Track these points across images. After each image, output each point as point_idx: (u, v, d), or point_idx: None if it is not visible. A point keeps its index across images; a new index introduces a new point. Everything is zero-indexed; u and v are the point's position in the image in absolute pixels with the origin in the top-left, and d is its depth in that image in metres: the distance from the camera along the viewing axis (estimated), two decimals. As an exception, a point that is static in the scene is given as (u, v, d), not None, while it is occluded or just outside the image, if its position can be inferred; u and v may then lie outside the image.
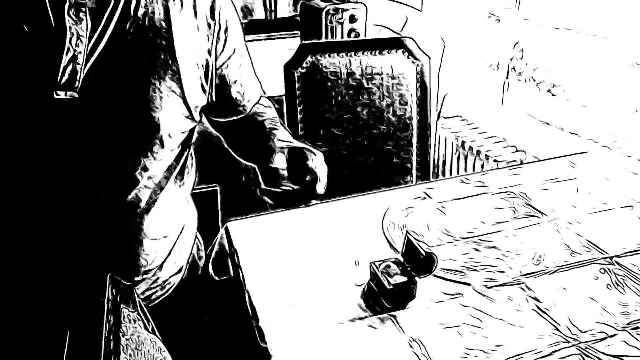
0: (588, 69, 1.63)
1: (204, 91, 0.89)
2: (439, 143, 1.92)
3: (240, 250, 0.96)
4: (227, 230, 1.03)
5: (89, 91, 0.77)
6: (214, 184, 1.66)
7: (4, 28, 0.74)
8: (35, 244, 0.82)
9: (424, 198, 1.14)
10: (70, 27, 0.74)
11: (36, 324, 0.82)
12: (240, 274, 0.90)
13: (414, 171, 1.52)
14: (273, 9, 3.29)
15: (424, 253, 0.86)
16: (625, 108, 1.52)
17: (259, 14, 3.34)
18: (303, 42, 1.59)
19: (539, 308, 0.82)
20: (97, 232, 0.83)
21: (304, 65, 1.41)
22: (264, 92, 1.12)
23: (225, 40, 0.91)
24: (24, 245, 0.82)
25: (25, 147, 0.78)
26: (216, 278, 1.06)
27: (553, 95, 1.75)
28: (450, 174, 1.90)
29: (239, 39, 0.95)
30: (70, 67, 0.75)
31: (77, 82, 0.76)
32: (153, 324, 0.58)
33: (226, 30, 0.91)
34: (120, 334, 0.42)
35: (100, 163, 0.80)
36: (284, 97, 1.47)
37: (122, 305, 0.49)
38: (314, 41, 1.59)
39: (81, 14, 0.74)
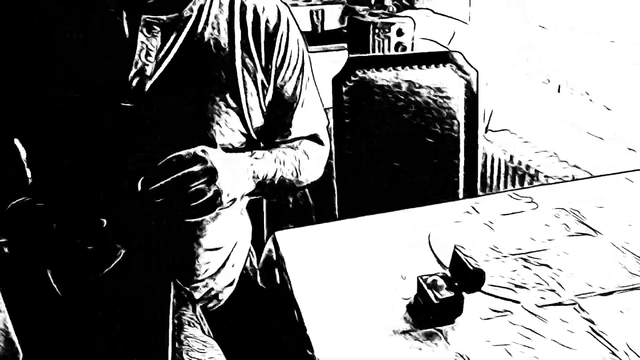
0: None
1: (262, 112, 0.92)
2: (486, 157, 1.89)
3: (287, 260, 0.98)
4: (274, 240, 1.05)
5: (152, 101, 0.82)
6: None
7: (83, 40, 0.80)
8: (94, 242, 0.86)
9: (471, 213, 1.13)
10: (142, 42, 0.80)
11: (105, 322, 0.87)
12: (288, 283, 0.92)
13: (460, 185, 1.51)
14: (320, 21, 3.35)
15: (472, 268, 0.85)
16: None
17: (305, 26, 3.41)
18: (351, 56, 1.62)
19: (593, 331, 0.80)
20: (158, 236, 0.86)
21: (352, 78, 1.43)
22: (323, 142, 1.04)
23: (283, 61, 0.92)
24: (84, 242, 0.86)
25: (87, 149, 0.84)
26: (263, 286, 1.08)
27: (608, 109, 1.69)
28: (498, 188, 1.87)
29: (300, 63, 0.95)
30: (137, 78, 0.81)
31: (143, 93, 0.81)
32: (209, 328, 0.61)
33: (285, 52, 0.92)
34: (182, 336, 0.45)
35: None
36: (331, 110, 1.50)
37: (183, 309, 0.52)
38: (361, 55, 1.61)
39: (154, 31, 0.80)
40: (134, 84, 0.81)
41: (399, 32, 1.87)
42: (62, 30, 0.81)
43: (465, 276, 0.85)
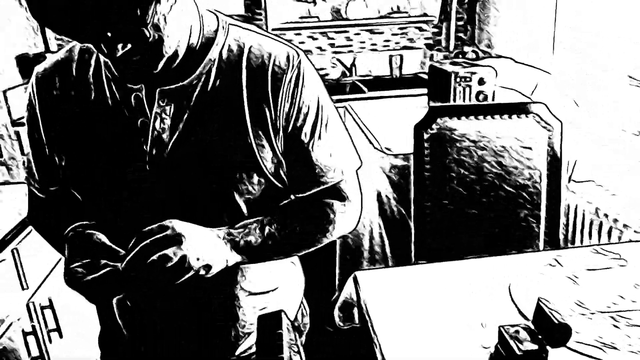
0: None
1: (279, 159, 0.90)
2: (569, 208, 1.83)
3: (368, 301, 1.02)
4: (355, 280, 1.10)
5: (172, 166, 0.85)
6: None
7: (104, 113, 0.86)
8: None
9: (555, 266, 1.11)
10: (156, 112, 0.85)
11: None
12: (369, 324, 0.96)
13: (541, 236, 1.48)
14: (399, 66, 3.44)
15: (557, 322, 0.84)
16: None
17: (382, 71, 3.51)
18: (432, 105, 1.67)
19: (691, 399, 0.76)
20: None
21: (433, 126, 1.47)
22: (346, 194, 0.94)
23: (292, 107, 0.88)
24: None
25: (121, 209, 0.88)
26: (341, 325, 1.12)
27: None
28: (582, 242, 1.79)
29: (315, 108, 0.90)
30: (155, 146, 0.85)
31: (163, 159, 0.85)
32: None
33: (294, 98, 0.88)
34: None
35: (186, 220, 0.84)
36: (411, 155, 1.54)
37: (290, 338, 0.57)
38: (443, 104, 1.65)
39: (167, 99, 0.85)
40: (153, 152, 0.85)
41: (481, 81, 1.90)
42: (98, 111, 0.86)
43: (549, 330, 0.84)
